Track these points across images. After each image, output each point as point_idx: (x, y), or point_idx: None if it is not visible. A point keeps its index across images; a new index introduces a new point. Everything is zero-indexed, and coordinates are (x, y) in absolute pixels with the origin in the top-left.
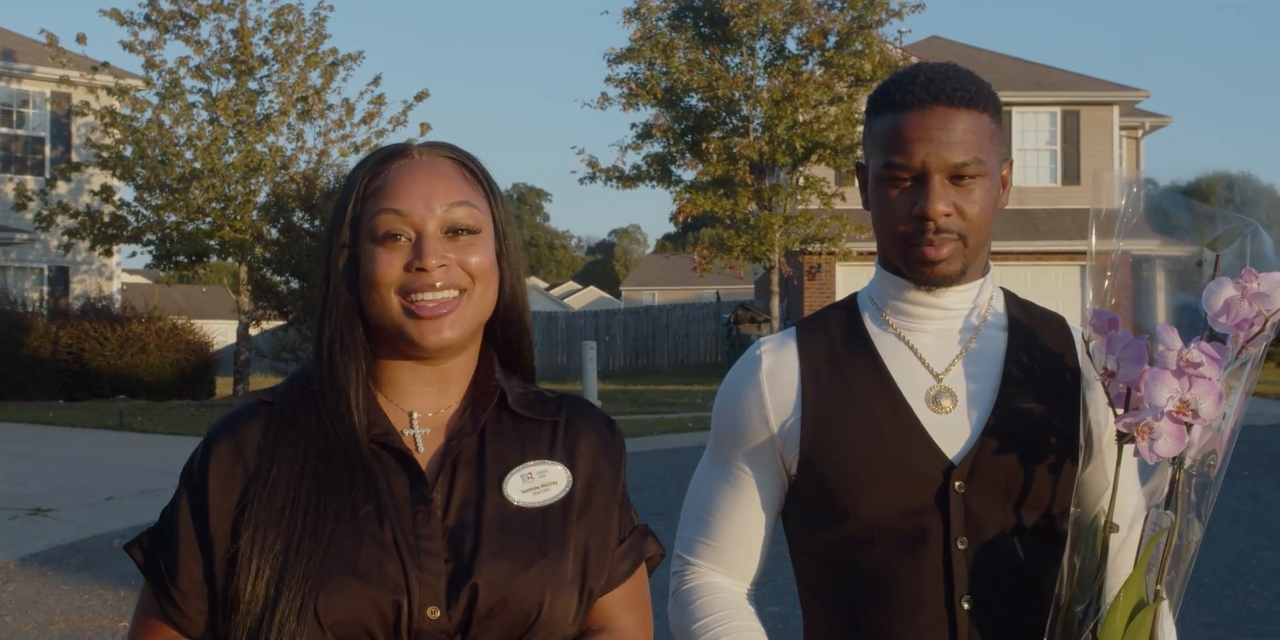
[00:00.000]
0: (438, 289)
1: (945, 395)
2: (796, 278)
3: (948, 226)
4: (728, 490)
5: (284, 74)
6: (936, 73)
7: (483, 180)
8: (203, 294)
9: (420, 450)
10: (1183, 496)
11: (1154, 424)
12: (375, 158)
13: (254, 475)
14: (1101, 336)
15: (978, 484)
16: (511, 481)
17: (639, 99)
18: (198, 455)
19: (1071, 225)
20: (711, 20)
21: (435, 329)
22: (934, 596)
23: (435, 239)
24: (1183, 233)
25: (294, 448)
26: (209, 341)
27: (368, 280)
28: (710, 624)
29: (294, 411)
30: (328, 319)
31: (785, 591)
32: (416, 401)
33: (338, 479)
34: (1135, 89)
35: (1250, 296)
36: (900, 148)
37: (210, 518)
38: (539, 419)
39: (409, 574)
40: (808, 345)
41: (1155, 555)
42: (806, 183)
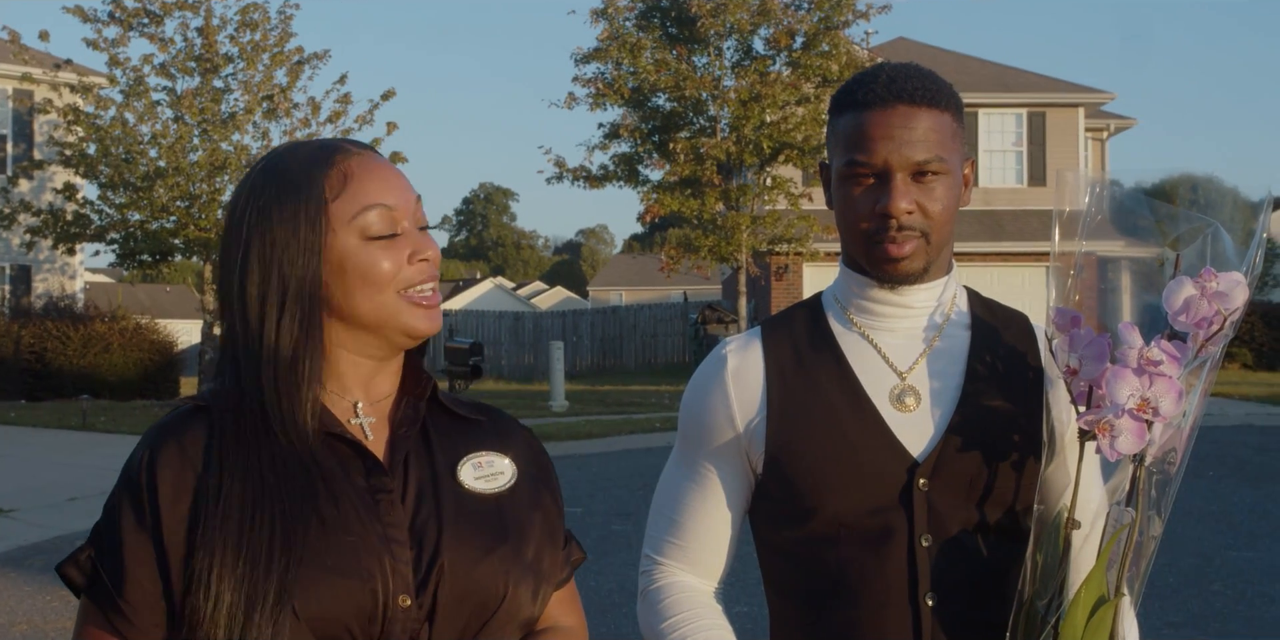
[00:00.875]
0: (432, 278)
1: (909, 393)
2: (764, 278)
3: (910, 224)
4: (695, 489)
5: (249, 72)
6: (898, 72)
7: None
8: (167, 293)
9: (369, 439)
10: (1143, 493)
11: (1115, 421)
12: (326, 150)
13: (203, 489)
14: (1064, 335)
15: (941, 481)
16: (464, 469)
17: (606, 99)
18: (139, 464)
19: (1037, 226)
20: (679, 20)
21: (434, 316)
22: (898, 593)
23: (417, 232)
24: (1145, 233)
25: (244, 459)
26: (173, 341)
27: (364, 278)
28: (677, 623)
29: (236, 417)
30: (287, 318)
31: (753, 591)
32: (358, 391)
33: (296, 491)
34: (1101, 91)
35: (1210, 295)
36: (863, 146)
37: (164, 525)
38: (466, 416)
39: (383, 563)
40: (773, 344)
41: (1116, 551)
42: (774, 183)
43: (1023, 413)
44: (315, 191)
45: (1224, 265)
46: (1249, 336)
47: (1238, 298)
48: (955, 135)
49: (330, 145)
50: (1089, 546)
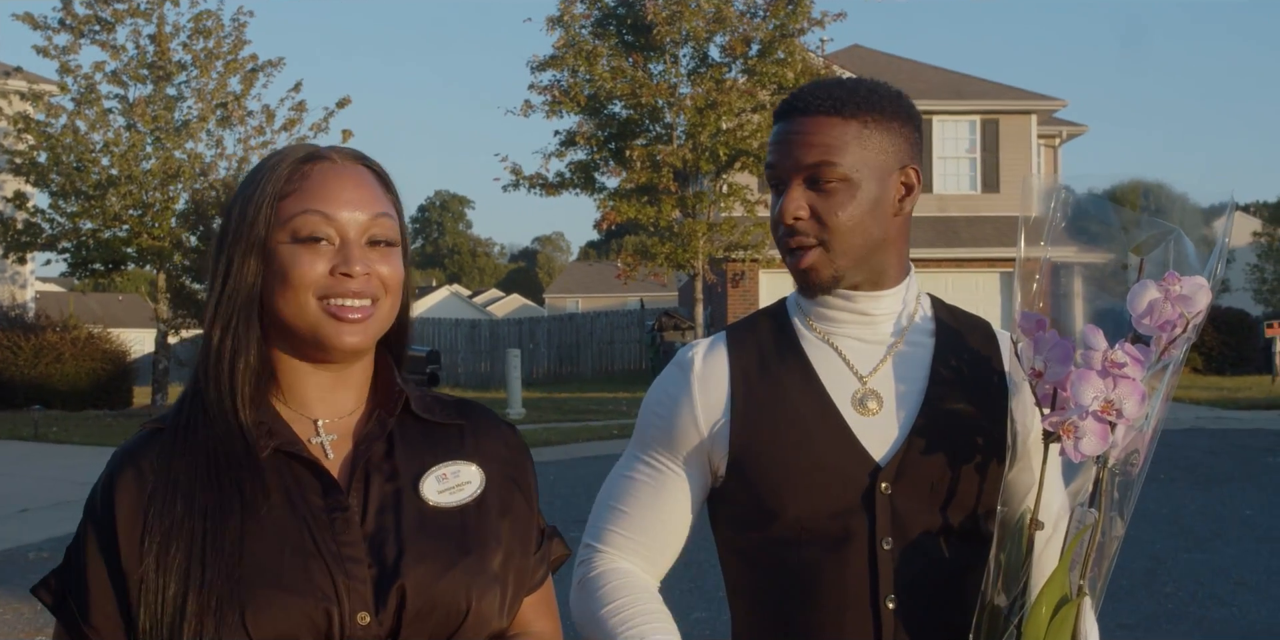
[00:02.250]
0: (357, 295)
1: (871, 398)
2: (720, 285)
3: (803, 230)
4: (649, 485)
5: (203, 80)
6: (816, 86)
7: (394, 192)
8: (119, 302)
9: (330, 457)
10: (1106, 495)
11: (1079, 423)
12: (293, 156)
13: (152, 495)
14: (1029, 338)
15: (904, 485)
16: (427, 483)
17: (562, 106)
18: (100, 490)
19: (991, 232)
20: (635, 28)
21: (351, 332)
22: (860, 596)
23: (359, 247)
24: (1108, 238)
25: (188, 457)
26: (126, 350)
27: (284, 279)
28: (618, 608)
29: (186, 423)
30: (220, 315)
31: (711, 597)
32: (319, 408)
33: (232, 478)
34: (1053, 98)
35: (1173, 298)
36: (768, 156)
37: (121, 551)
38: (442, 422)
39: (336, 582)
40: (738, 349)
41: (1079, 552)
42: (730, 190)
43: (985, 417)
44: (272, 189)
45: (1186, 270)
46: (1200, 341)
47: (1200, 301)
48: (862, 141)
49: (316, 151)
50: (1051, 548)
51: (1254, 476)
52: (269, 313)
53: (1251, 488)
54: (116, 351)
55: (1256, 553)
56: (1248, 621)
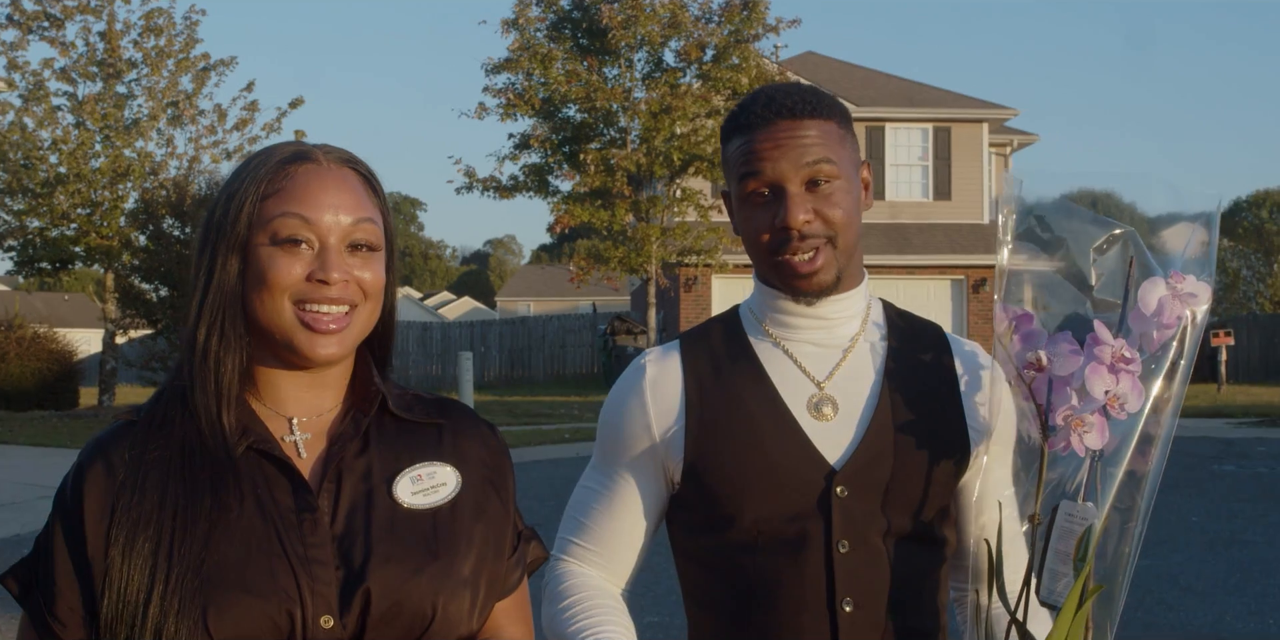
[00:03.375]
0: (333, 302)
1: (826, 403)
2: (673, 289)
3: (812, 232)
4: (607, 496)
5: (154, 78)
6: (776, 92)
7: (381, 196)
8: (65, 302)
9: (303, 456)
10: (1100, 489)
11: (1085, 417)
12: (278, 156)
13: (121, 488)
14: (1022, 331)
15: (859, 489)
16: (400, 484)
17: (517, 109)
18: (69, 480)
19: (943, 239)
20: (590, 32)
21: (325, 343)
22: (816, 599)
23: (339, 252)
24: (1082, 237)
25: (161, 450)
26: (73, 351)
27: (260, 281)
28: (573, 603)
29: (162, 418)
30: (206, 313)
31: (664, 601)
32: (294, 406)
33: (205, 475)
34: (1005, 107)
35: (1180, 296)
36: (751, 164)
37: (88, 543)
38: (420, 421)
39: (300, 583)
40: (691, 356)
41: (1063, 547)
42: (684, 195)
43: (939, 421)
44: (255, 188)
45: (1146, 271)
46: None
47: (1204, 299)
48: (843, 140)
49: (304, 151)
50: (1014, 547)
51: (1200, 484)
52: (247, 312)
53: (1197, 495)
54: (63, 351)
55: (1202, 559)
56: (1194, 626)
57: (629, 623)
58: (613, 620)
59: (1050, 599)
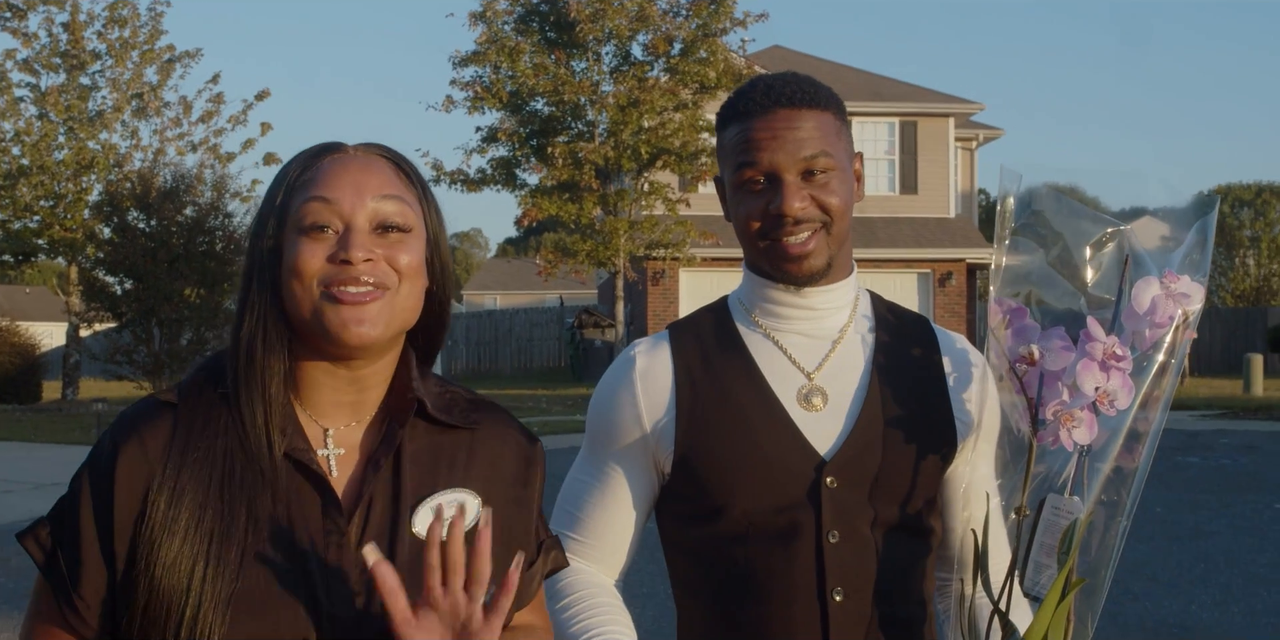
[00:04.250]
0: (361, 283)
1: (816, 394)
2: (641, 283)
3: (807, 217)
4: (598, 488)
5: (118, 70)
6: (775, 80)
7: (417, 182)
8: (26, 294)
9: (334, 474)
10: (1086, 484)
11: (1075, 412)
12: (308, 152)
13: (159, 485)
14: (1012, 325)
15: (849, 479)
16: (420, 515)
17: (484, 102)
18: (104, 455)
19: (909, 233)
20: (557, 25)
21: (357, 319)
22: (806, 589)
23: (363, 232)
24: (1072, 234)
25: (203, 455)
26: (35, 344)
27: (289, 270)
28: (572, 603)
29: (205, 415)
30: (248, 313)
31: (636, 592)
32: (332, 414)
33: (245, 490)
34: (971, 101)
35: (1173, 296)
36: (749, 153)
37: (115, 527)
38: (456, 426)
39: (319, 608)
40: (681, 347)
41: (1048, 540)
42: (651, 188)
43: (927, 412)
44: (284, 185)
45: (1141, 269)
46: None
47: (1197, 300)
48: (839, 133)
49: (332, 143)
50: (994, 537)
51: (1164, 475)
52: (286, 310)
53: (1162, 487)
54: (25, 345)
55: (1168, 550)
56: (1159, 616)
57: (629, 621)
58: (615, 619)
59: (1034, 591)
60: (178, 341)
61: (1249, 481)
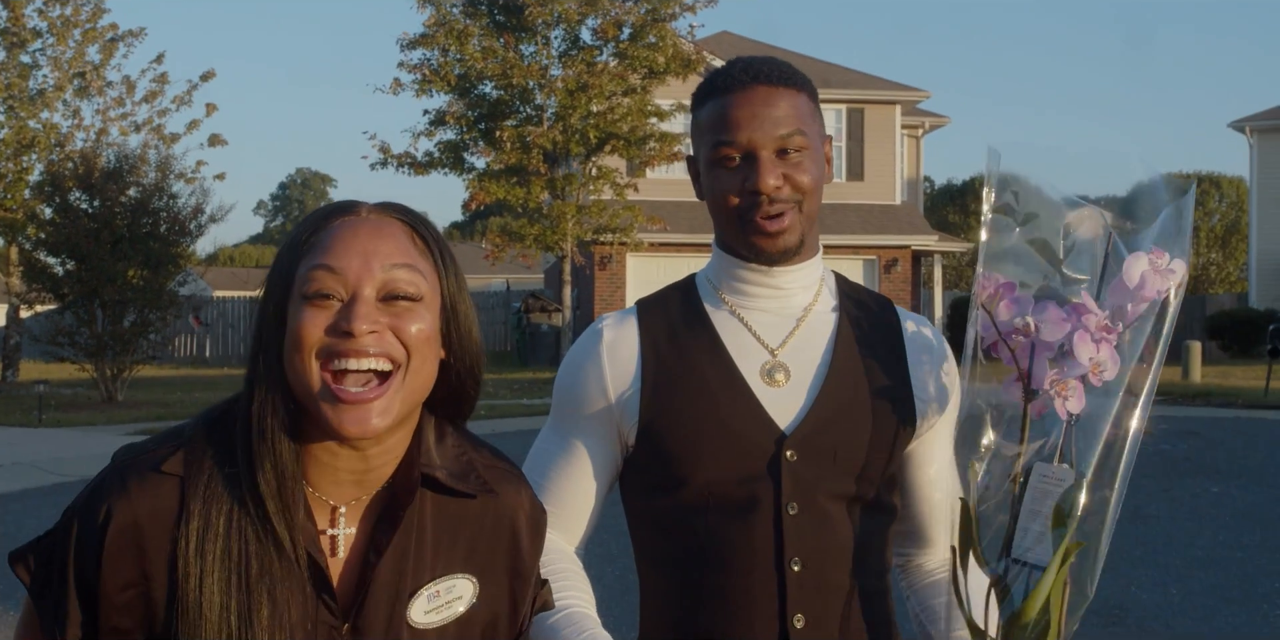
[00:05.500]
0: (365, 356)
1: (779, 369)
2: (588, 267)
3: (781, 197)
4: (563, 457)
5: (60, 48)
6: (754, 60)
7: (434, 247)
8: None
9: (339, 555)
10: (1073, 452)
11: (1071, 382)
12: (319, 213)
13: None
14: (1005, 298)
15: (808, 453)
16: (416, 603)
17: (432, 85)
18: (91, 509)
19: (855, 220)
20: (506, 8)
21: (357, 419)
22: (765, 559)
23: (368, 302)
24: (1048, 213)
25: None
26: None
27: (291, 340)
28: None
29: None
30: (258, 386)
31: (587, 564)
32: (339, 492)
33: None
34: (917, 89)
35: (1160, 272)
36: (726, 128)
37: (102, 594)
38: (466, 493)
39: None
40: (648, 322)
41: (1036, 506)
42: (599, 173)
43: (886, 390)
44: (293, 249)
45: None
46: None
47: (1181, 276)
48: (812, 114)
49: (346, 204)
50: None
51: None
52: (290, 384)
53: None
54: None
55: (1119, 534)
56: (1100, 596)
57: (587, 586)
58: (573, 585)
59: (1024, 556)
60: (121, 323)
61: (1188, 466)
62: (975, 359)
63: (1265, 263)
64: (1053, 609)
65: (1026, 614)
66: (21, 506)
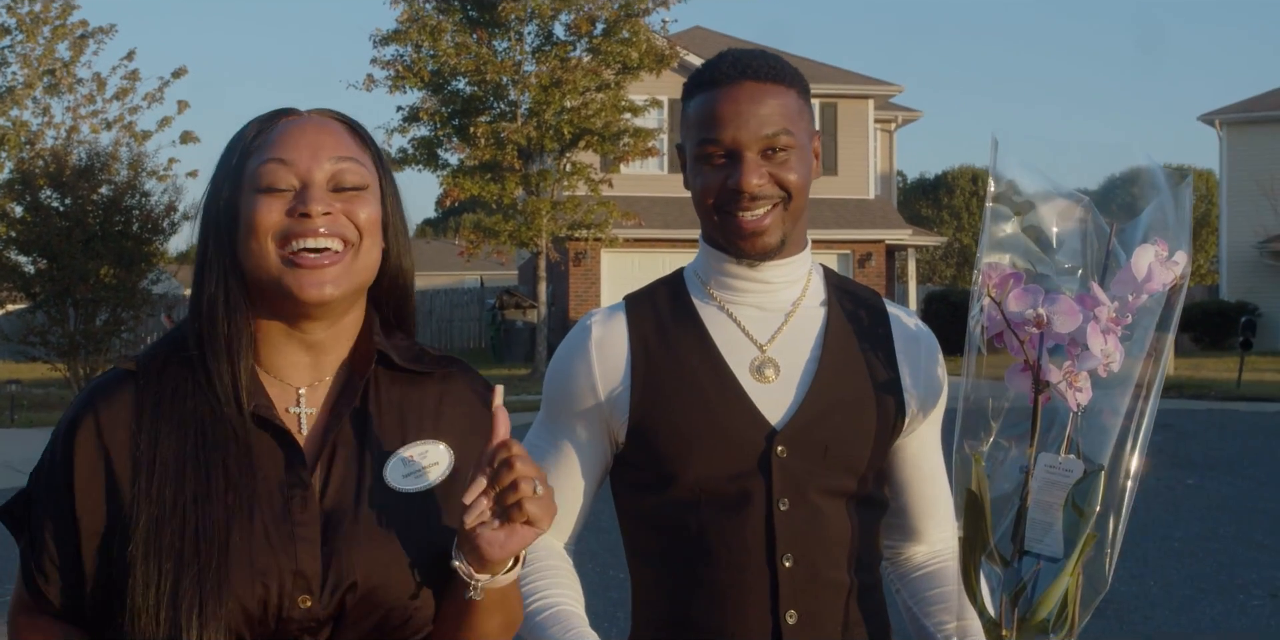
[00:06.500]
0: (320, 235)
1: (768, 365)
2: (563, 263)
3: (764, 194)
4: (553, 455)
5: (29, 45)
6: (744, 54)
7: (370, 144)
8: None
9: (303, 431)
10: (1079, 443)
11: (1081, 374)
12: (263, 116)
13: (135, 461)
14: (1015, 288)
15: (799, 448)
16: (391, 465)
17: (406, 82)
18: (60, 434)
19: (829, 214)
20: (479, 4)
21: (316, 282)
22: (757, 555)
23: (321, 189)
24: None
25: (175, 425)
26: None
27: (247, 227)
28: (527, 574)
29: (171, 383)
30: (208, 275)
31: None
32: (298, 374)
33: (220, 451)
34: (890, 84)
35: (1165, 263)
36: (712, 125)
37: (78, 501)
38: (422, 372)
39: (280, 562)
40: (636, 317)
41: (1047, 498)
42: (574, 169)
43: (876, 385)
44: (240, 148)
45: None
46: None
47: (1185, 266)
48: (801, 111)
49: (285, 108)
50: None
51: None
52: (244, 270)
53: None
54: None
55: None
56: None
57: (576, 584)
58: (560, 582)
59: (1036, 548)
60: (93, 322)
61: (1164, 458)
62: (979, 350)
63: (1235, 255)
64: (1070, 601)
65: (1044, 607)
66: None
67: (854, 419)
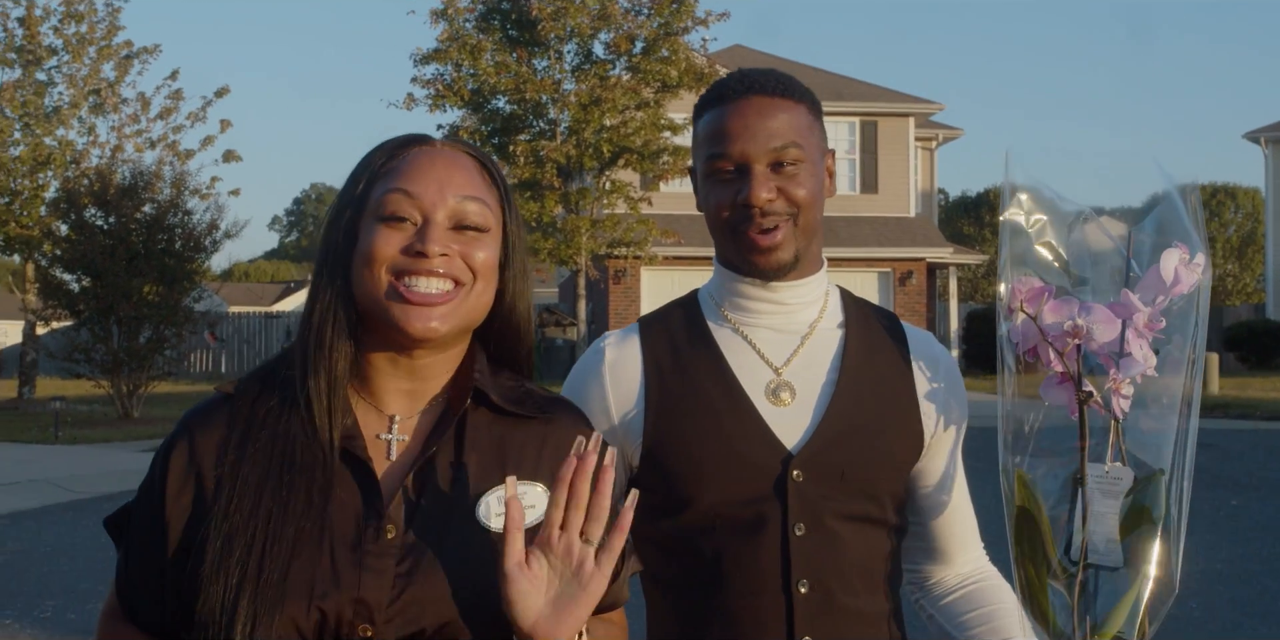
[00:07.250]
0: (435, 275)
1: (784, 388)
2: (602, 281)
3: (774, 209)
4: None
5: (75, 65)
6: (753, 71)
7: (499, 184)
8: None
9: (391, 458)
10: (1123, 451)
11: (1126, 382)
12: (395, 142)
13: (219, 479)
14: (1050, 301)
15: (815, 473)
16: (486, 504)
17: (446, 100)
18: (159, 455)
19: (869, 232)
20: (519, 23)
21: (422, 316)
22: (772, 581)
23: (441, 227)
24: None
25: (262, 447)
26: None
27: (363, 255)
28: None
29: (265, 405)
30: (319, 299)
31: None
32: (396, 401)
33: (305, 473)
34: (930, 101)
35: (1188, 266)
36: (720, 140)
37: (167, 520)
38: (523, 416)
39: (342, 589)
40: (650, 340)
41: (1102, 508)
42: (613, 187)
43: (894, 408)
44: (367, 174)
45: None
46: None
47: (1205, 268)
48: (811, 127)
49: (420, 135)
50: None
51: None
52: (355, 295)
53: None
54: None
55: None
56: None
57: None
58: None
59: (1099, 560)
60: (136, 339)
61: (1207, 479)
62: (1016, 365)
63: None
64: (1141, 611)
65: (1117, 617)
66: (37, 523)
67: (872, 443)
